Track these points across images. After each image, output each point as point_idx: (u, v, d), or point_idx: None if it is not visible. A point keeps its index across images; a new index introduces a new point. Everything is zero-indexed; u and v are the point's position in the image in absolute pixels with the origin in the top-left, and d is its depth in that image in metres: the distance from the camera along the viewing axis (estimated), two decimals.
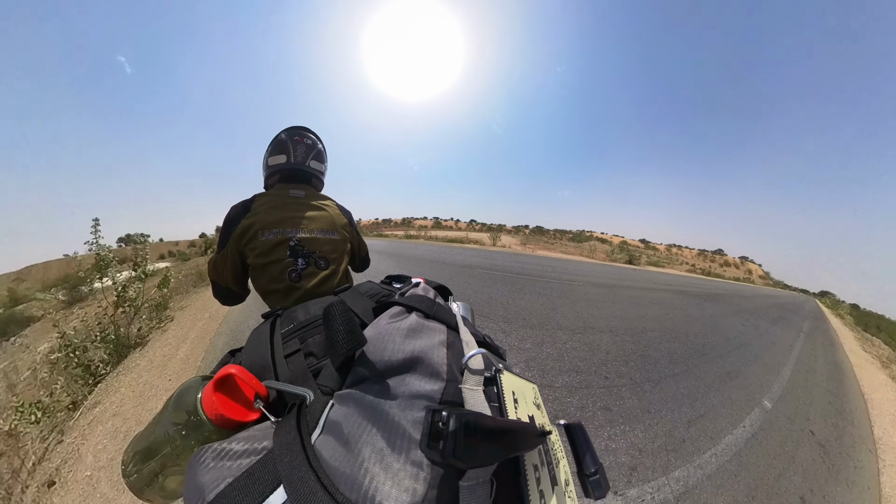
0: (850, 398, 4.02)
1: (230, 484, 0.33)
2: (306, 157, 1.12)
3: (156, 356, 3.46)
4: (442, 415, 0.30)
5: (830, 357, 6.15)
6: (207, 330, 4.09)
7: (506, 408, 0.42)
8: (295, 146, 1.10)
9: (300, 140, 1.12)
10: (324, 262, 0.99)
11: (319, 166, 1.16)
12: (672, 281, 15.35)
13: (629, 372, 3.15)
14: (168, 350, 3.60)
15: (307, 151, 1.12)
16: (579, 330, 4.13)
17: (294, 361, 0.56)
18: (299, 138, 1.12)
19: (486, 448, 0.31)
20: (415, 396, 0.39)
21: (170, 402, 0.52)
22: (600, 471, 0.43)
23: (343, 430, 0.36)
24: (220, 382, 0.48)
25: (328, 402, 0.42)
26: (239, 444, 0.38)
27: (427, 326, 0.50)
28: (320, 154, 1.17)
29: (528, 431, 0.38)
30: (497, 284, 6.45)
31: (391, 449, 0.34)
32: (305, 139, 1.13)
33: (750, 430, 2.58)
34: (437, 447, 0.30)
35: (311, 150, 1.13)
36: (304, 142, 1.12)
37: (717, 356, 4.20)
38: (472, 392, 0.42)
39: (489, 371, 0.46)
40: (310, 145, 1.13)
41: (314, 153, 1.14)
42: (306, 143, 1.12)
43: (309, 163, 1.12)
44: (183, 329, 4.26)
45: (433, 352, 0.45)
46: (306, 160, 1.12)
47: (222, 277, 1.03)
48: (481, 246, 20.15)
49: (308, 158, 1.12)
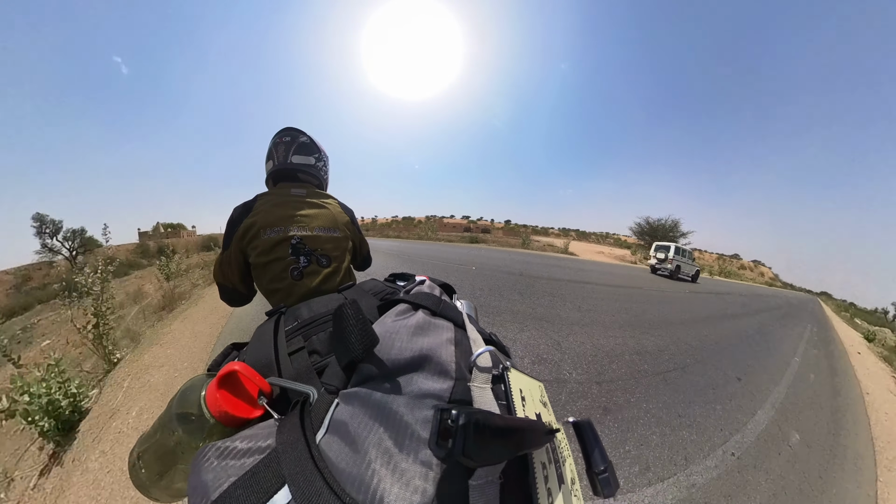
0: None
1: (234, 483, 0.32)
2: (287, 154, 1.12)
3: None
4: (451, 413, 0.30)
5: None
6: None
7: (514, 406, 0.42)
8: (276, 148, 1.12)
9: (280, 140, 1.13)
10: (326, 260, 0.99)
11: (305, 159, 1.14)
12: (745, 290, 17.59)
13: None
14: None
15: (287, 148, 1.12)
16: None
17: (298, 359, 0.56)
18: (279, 139, 1.13)
19: (495, 446, 0.30)
20: (423, 395, 0.38)
21: (174, 400, 0.52)
22: (609, 469, 0.43)
23: (349, 429, 0.36)
24: (223, 379, 0.47)
25: (333, 402, 0.41)
26: (243, 443, 0.38)
27: (434, 324, 0.50)
28: (302, 147, 1.15)
29: (536, 429, 0.37)
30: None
31: (399, 449, 0.33)
32: (284, 138, 1.13)
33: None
34: (447, 445, 0.29)
35: (291, 146, 1.13)
36: (283, 140, 1.13)
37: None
38: (481, 390, 0.41)
39: (497, 369, 0.46)
40: (288, 142, 1.13)
41: (294, 147, 1.13)
42: (285, 140, 1.13)
43: (290, 159, 1.12)
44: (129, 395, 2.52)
45: (441, 349, 0.44)
46: (287, 157, 1.12)
47: (228, 279, 1.04)
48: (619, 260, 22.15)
49: (289, 155, 1.12)
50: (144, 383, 2.68)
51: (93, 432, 2.12)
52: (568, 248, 22.14)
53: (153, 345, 3.51)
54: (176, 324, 4.20)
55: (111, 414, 2.30)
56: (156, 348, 3.42)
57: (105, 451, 1.94)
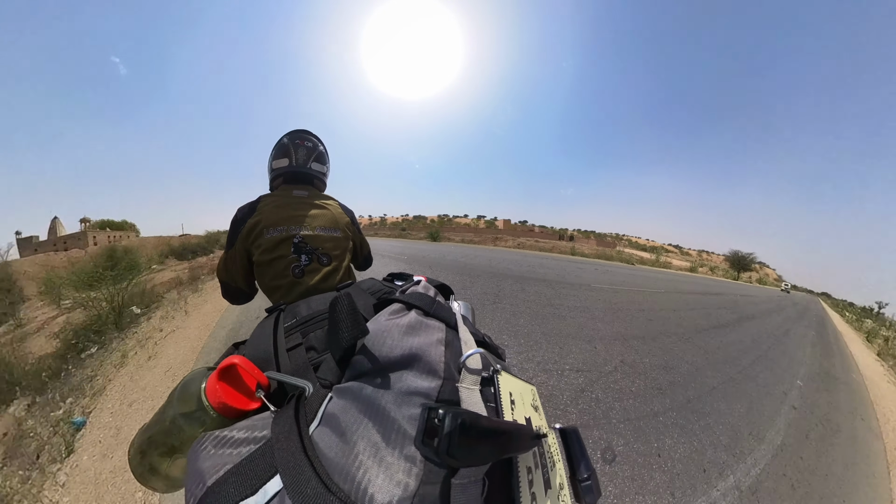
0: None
1: (229, 470, 0.34)
2: (307, 160, 1.15)
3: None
4: (438, 412, 0.31)
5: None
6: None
7: (502, 408, 0.42)
8: (296, 149, 1.14)
9: (301, 143, 1.15)
10: (326, 259, 1.00)
11: (321, 168, 1.19)
12: (760, 293, 23.68)
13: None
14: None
15: (308, 154, 1.15)
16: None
17: (296, 355, 0.57)
18: (300, 141, 1.15)
19: (480, 448, 0.31)
20: (411, 393, 0.39)
21: (175, 391, 0.53)
22: (592, 476, 0.43)
23: (340, 422, 0.37)
24: (223, 372, 0.49)
25: (327, 395, 0.43)
26: (239, 433, 0.39)
27: (426, 324, 0.51)
28: (321, 156, 1.20)
29: (522, 433, 0.38)
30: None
31: (386, 443, 0.34)
32: (306, 142, 1.16)
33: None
34: (432, 444, 0.30)
35: (312, 153, 1.16)
36: (305, 144, 1.15)
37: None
38: (469, 391, 0.42)
39: (487, 371, 0.46)
40: (311, 148, 1.16)
41: (315, 155, 1.17)
42: (307, 145, 1.15)
43: (310, 165, 1.15)
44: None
45: (431, 349, 0.45)
46: (307, 162, 1.15)
47: (231, 277, 1.07)
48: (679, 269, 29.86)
49: (309, 161, 1.15)
50: None
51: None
52: (660, 260, 22.37)
53: None
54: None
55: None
56: None
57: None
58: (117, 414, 2.57)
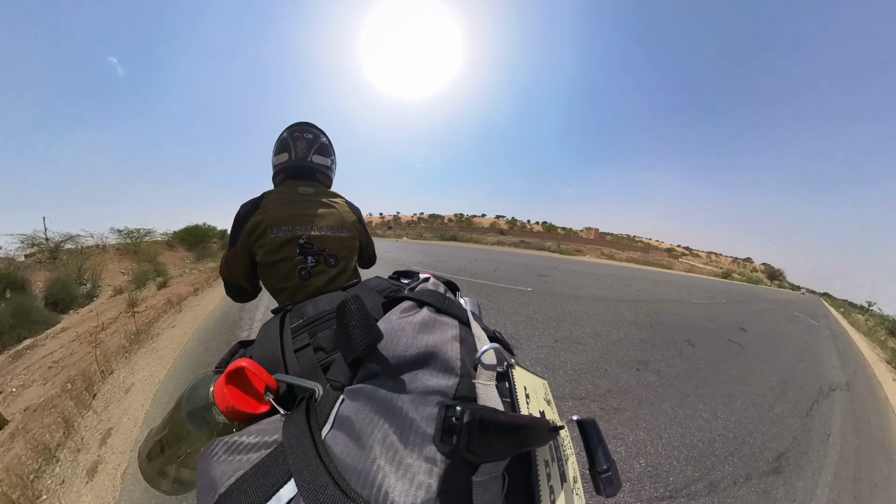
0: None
1: (241, 477, 0.33)
2: (308, 152, 1.09)
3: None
4: (456, 409, 0.30)
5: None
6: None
7: (518, 403, 0.42)
8: (295, 142, 1.09)
9: (300, 136, 1.10)
10: (333, 260, 0.99)
11: (324, 160, 1.14)
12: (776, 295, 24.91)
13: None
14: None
15: (308, 146, 1.10)
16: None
17: (304, 356, 0.56)
18: (299, 134, 1.10)
19: (499, 443, 0.30)
20: (428, 392, 0.38)
21: (183, 395, 0.53)
22: (612, 468, 0.43)
23: (354, 425, 0.36)
24: (231, 375, 0.48)
25: (338, 398, 0.42)
26: (250, 438, 0.38)
27: (439, 321, 0.50)
28: (323, 148, 1.14)
29: (540, 427, 0.37)
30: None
31: (404, 445, 0.33)
32: (306, 134, 1.10)
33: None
34: (451, 441, 0.29)
35: (313, 145, 1.10)
36: (305, 136, 1.10)
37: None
38: (486, 387, 0.41)
39: (501, 366, 0.46)
40: (311, 140, 1.10)
41: (316, 147, 1.11)
42: (307, 137, 1.10)
43: (311, 157, 1.10)
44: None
45: (447, 347, 0.44)
46: (308, 155, 1.09)
47: (234, 275, 1.04)
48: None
49: (310, 153, 1.10)
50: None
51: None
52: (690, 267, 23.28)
53: None
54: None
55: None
56: None
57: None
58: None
